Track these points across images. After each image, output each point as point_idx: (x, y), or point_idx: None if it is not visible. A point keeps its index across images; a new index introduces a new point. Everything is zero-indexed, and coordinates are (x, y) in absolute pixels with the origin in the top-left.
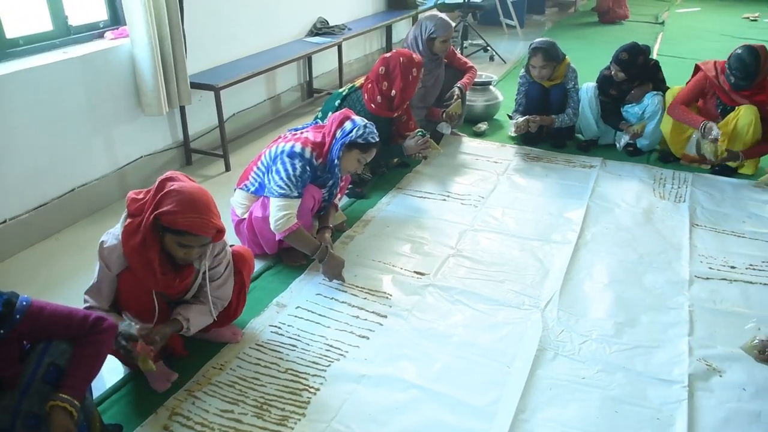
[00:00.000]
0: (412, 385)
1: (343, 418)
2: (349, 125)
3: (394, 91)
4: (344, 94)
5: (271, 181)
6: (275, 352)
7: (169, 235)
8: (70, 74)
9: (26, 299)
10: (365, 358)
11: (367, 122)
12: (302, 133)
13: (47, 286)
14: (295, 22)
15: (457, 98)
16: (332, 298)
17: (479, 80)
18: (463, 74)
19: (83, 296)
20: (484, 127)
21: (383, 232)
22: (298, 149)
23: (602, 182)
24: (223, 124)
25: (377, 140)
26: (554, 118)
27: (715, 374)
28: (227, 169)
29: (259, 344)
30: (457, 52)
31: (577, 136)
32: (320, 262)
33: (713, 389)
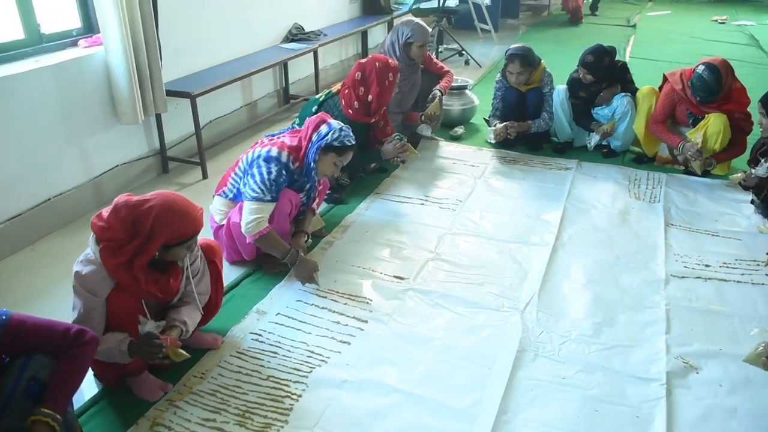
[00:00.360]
0: (394, 389)
1: (325, 423)
2: (325, 128)
3: (371, 96)
4: (321, 100)
5: (246, 185)
6: (256, 359)
7: (170, 247)
8: (42, 83)
9: (5, 312)
10: (347, 363)
11: (343, 125)
12: (279, 138)
13: (24, 298)
14: (270, 28)
15: (434, 98)
16: (312, 304)
17: (455, 84)
18: (439, 79)
19: None
20: (460, 131)
21: (362, 237)
22: (274, 153)
23: (578, 184)
24: (199, 131)
25: (353, 143)
26: (531, 123)
27: (692, 371)
28: (204, 176)
29: (239, 352)
30: (433, 57)
31: (552, 138)
32: (291, 266)
33: (690, 386)
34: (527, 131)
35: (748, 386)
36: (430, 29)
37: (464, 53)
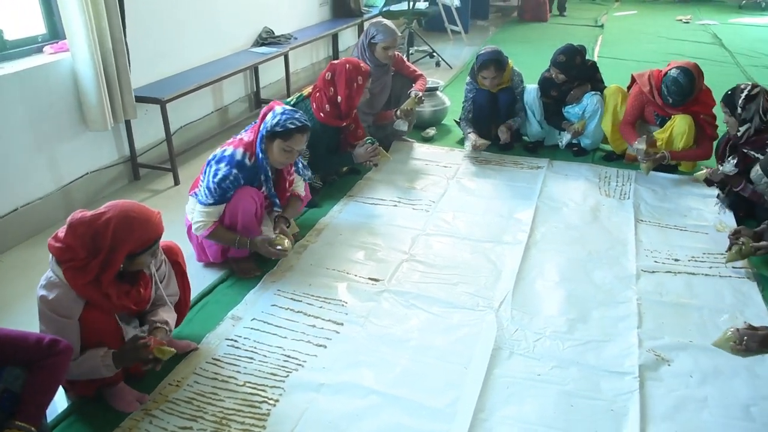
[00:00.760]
0: (371, 391)
1: (303, 427)
2: (269, 116)
3: (340, 97)
4: (292, 103)
5: (200, 186)
6: (232, 365)
7: (135, 256)
8: (7, 91)
9: None
10: (323, 366)
11: (288, 109)
12: (239, 135)
13: None
14: (240, 32)
15: (413, 96)
16: (288, 308)
17: (426, 86)
18: (412, 82)
19: None
20: (432, 132)
21: (336, 240)
22: (227, 153)
23: (550, 182)
24: (170, 137)
25: (299, 124)
26: (512, 123)
27: (663, 364)
28: (176, 183)
29: (215, 358)
30: (406, 60)
31: (523, 138)
32: (250, 251)
33: (663, 378)
34: (512, 129)
35: (717, 377)
36: (399, 32)
37: (435, 55)
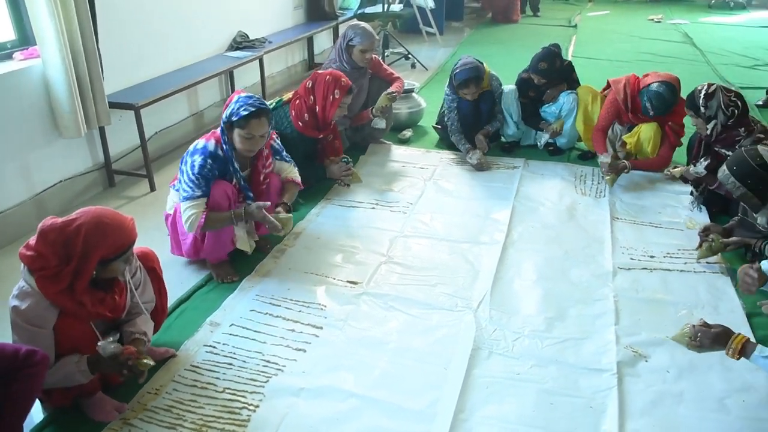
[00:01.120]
0: (351, 394)
1: None
2: (229, 106)
3: (317, 106)
4: (270, 108)
5: (180, 181)
6: (211, 372)
7: (108, 262)
8: None
9: None
10: (303, 370)
11: (244, 96)
12: (213, 130)
13: None
14: (214, 36)
15: (385, 94)
16: (267, 313)
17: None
18: (389, 85)
19: None
20: (408, 134)
21: (315, 243)
22: (200, 145)
23: (526, 182)
24: (145, 143)
25: (254, 109)
26: (489, 128)
27: (641, 360)
28: (152, 189)
29: (194, 365)
30: (383, 63)
31: (500, 138)
32: (246, 222)
33: (640, 374)
34: (489, 135)
35: (693, 371)
36: (376, 35)
37: (410, 57)
